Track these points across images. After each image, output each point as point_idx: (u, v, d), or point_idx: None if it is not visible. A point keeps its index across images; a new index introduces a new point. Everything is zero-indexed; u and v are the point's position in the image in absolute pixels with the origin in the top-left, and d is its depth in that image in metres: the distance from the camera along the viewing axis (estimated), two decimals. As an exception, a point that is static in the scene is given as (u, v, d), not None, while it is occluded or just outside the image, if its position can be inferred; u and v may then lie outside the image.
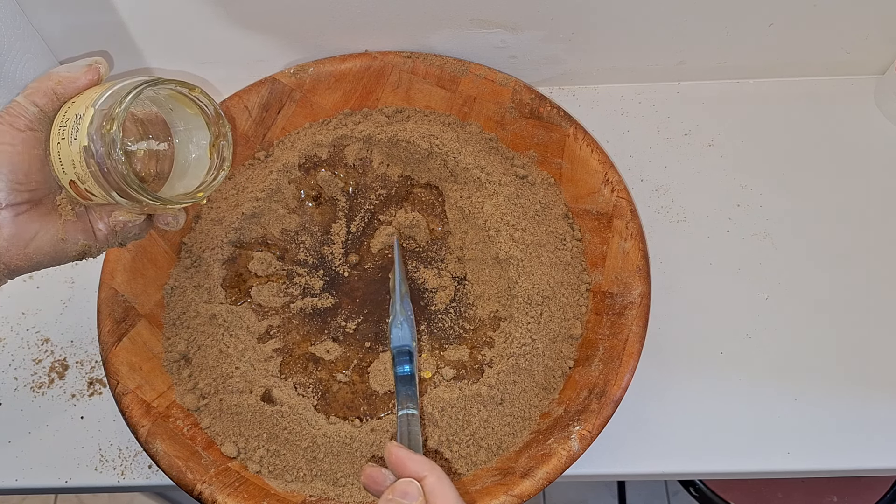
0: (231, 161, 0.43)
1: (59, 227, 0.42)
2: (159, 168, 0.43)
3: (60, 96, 0.40)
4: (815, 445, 0.56)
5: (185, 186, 0.43)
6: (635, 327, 0.54)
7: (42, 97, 0.40)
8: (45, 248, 0.41)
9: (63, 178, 0.40)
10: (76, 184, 0.40)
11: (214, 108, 0.42)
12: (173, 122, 0.43)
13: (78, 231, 0.43)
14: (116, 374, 0.53)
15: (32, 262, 0.41)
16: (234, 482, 0.50)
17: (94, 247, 0.44)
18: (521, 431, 0.53)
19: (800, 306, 0.61)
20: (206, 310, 0.57)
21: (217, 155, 0.43)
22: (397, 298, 0.56)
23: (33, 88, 0.40)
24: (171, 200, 0.41)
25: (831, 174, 0.67)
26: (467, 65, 0.65)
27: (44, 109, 0.40)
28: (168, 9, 0.64)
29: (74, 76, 0.41)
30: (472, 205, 0.60)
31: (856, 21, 0.66)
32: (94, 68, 0.41)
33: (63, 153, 0.39)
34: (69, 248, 0.42)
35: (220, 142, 0.43)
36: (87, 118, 0.38)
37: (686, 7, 0.64)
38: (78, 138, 0.38)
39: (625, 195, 0.59)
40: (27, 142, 0.40)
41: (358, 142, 0.63)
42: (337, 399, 0.56)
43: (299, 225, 0.63)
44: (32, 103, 0.40)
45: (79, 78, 0.41)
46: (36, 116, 0.40)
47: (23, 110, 0.40)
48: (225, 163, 0.43)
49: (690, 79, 0.72)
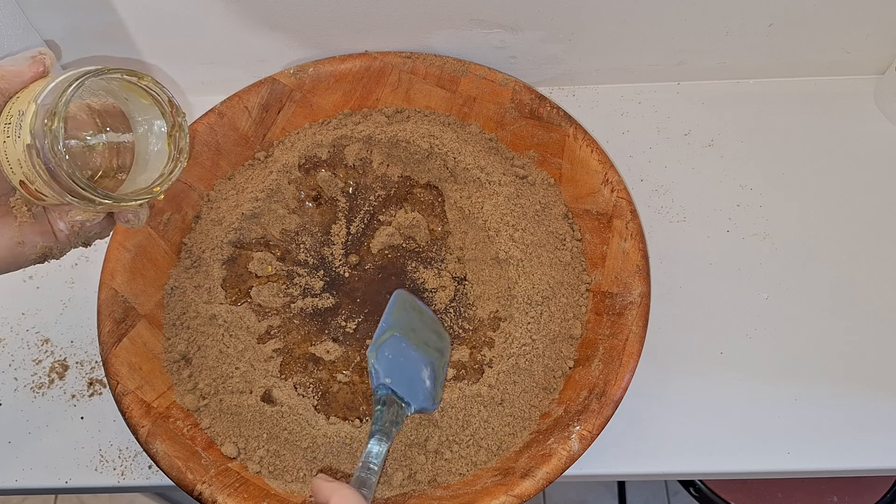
0: (188, 152, 0.41)
1: (15, 231, 0.39)
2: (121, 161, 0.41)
3: (4, 92, 0.38)
4: (815, 445, 0.56)
5: (147, 180, 0.41)
6: (635, 327, 0.54)
7: None
8: (2, 254, 0.39)
9: (13, 178, 0.38)
10: (26, 184, 0.37)
11: (167, 97, 0.40)
12: (131, 113, 0.41)
13: (36, 233, 0.40)
14: (116, 375, 0.53)
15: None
16: (234, 482, 0.50)
17: (55, 248, 0.41)
18: (521, 432, 0.53)
19: (800, 306, 0.61)
20: (206, 310, 0.57)
21: (174, 146, 0.41)
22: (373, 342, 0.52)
23: None
24: (125, 198, 0.39)
25: (831, 174, 0.67)
26: (467, 65, 0.65)
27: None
28: (168, 9, 0.64)
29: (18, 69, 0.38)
30: (472, 205, 0.60)
31: (856, 21, 0.66)
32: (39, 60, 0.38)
33: (10, 153, 0.37)
34: (27, 251, 0.40)
35: (176, 132, 0.40)
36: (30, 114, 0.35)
37: (686, 7, 0.64)
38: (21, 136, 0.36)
39: (625, 195, 0.59)
40: None
41: (358, 142, 0.63)
42: (337, 399, 0.56)
43: (299, 225, 0.63)
44: None
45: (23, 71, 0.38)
46: None
47: None
48: (182, 154, 0.41)
49: (690, 79, 0.72)
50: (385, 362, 0.50)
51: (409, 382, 0.50)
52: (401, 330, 0.53)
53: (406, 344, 0.52)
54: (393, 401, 0.49)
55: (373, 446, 0.47)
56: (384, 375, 0.50)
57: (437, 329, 0.57)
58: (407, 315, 0.55)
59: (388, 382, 0.49)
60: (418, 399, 0.50)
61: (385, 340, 0.52)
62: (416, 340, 0.53)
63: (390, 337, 0.52)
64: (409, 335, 0.53)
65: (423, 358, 0.52)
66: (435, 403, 0.52)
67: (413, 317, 0.55)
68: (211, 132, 0.63)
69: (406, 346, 0.52)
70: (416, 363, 0.52)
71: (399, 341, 0.52)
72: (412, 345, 0.53)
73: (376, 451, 0.46)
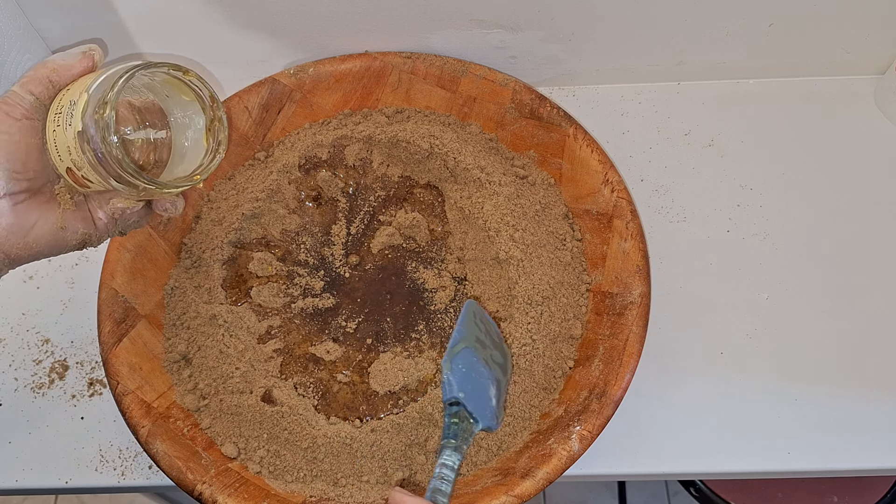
0: (227, 144, 0.43)
1: (58, 216, 0.41)
2: (157, 156, 0.43)
3: (56, 84, 0.40)
4: (816, 445, 0.56)
5: (183, 171, 0.43)
6: (635, 327, 0.54)
7: (38, 85, 0.40)
8: (45, 237, 0.41)
9: (60, 165, 0.40)
10: (73, 171, 0.40)
11: (209, 92, 0.42)
12: (169, 109, 0.43)
13: (77, 220, 0.42)
14: (117, 375, 0.53)
15: (32, 252, 0.41)
16: (234, 483, 0.50)
17: (94, 235, 0.43)
18: (522, 432, 0.53)
19: (800, 306, 0.61)
20: (207, 310, 0.57)
21: (213, 138, 0.43)
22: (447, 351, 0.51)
23: (29, 77, 0.40)
24: (168, 184, 0.41)
25: (831, 174, 0.67)
26: (467, 65, 0.65)
27: (40, 98, 0.40)
28: (168, 9, 0.64)
29: (69, 63, 0.40)
30: (472, 205, 0.60)
31: (856, 21, 0.66)
32: (89, 55, 0.41)
33: (59, 140, 0.39)
34: (69, 237, 0.42)
35: (216, 125, 0.43)
36: (81, 103, 0.38)
37: (686, 7, 0.64)
38: (73, 124, 0.38)
39: (625, 195, 0.59)
40: (24, 130, 0.39)
41: (358, 142, 0.63)
42: (337, 399, 0.56)
43: (299, 225, 0.63)
44: (28, 92, 0.40)
45: (74, 65, 0.40)
46: (32, 105, 0.40)
47: (19, 99, 0.39)
48: (221, 146, 0.43)
49: (690, 79, 0.72)
50: (459, 375, 0.49)
51: (478, 399, 0.49)
52: (472, 342, 0.52)
53: (476, 358, 0.51)
54: (465, 416, 0.48)
55: (447, 458, 0.45)
56: (458, 389, 0.48)
57: (501, 346, 0.55)
58: (476, 327, 0.53)
59: (462, 397, 0.48)
60: (486, 417, 0.49)
61: (459, 352, 0.50)
62: (484, 355, 0.52)
63: (464, 349, 0.51)
64: (479, 349, 0.52)
65: (490, 374, 0.51)
66: (498, 423, 0.50)
67: (481, 329, 0.54)
68: (211, 132, 0.63)
69: (476, 361, 0.51)
70: (485, 380, 0.50)
71: (471, 354, 0.51)
72: (481, 360, 0.51)
73: (451, 464, 0.45)
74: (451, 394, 0.48)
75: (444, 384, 0.49)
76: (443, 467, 0.45)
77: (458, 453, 0.46)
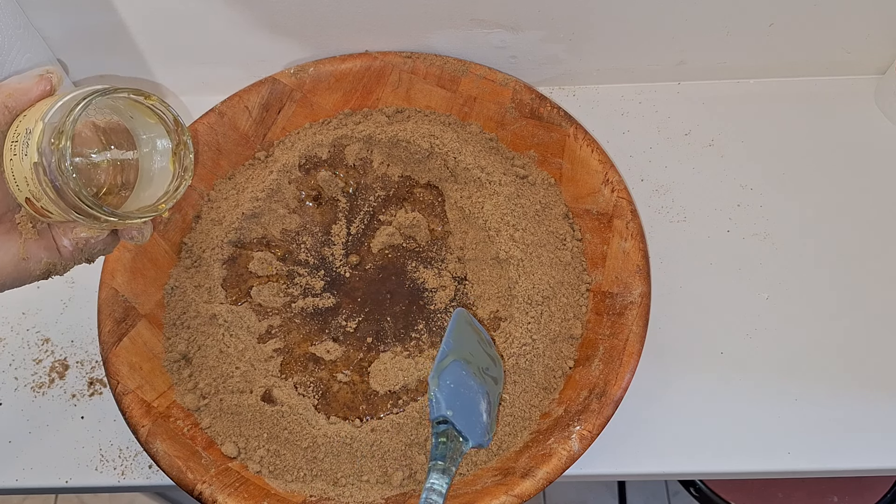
0: (192, 170, 0.41)
1: (20, 247, 0.39)
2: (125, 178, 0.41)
3: (12, 110, 0.38)
4: (816, 445, 0.56)
5: (151, 197, 0.41)
6: (635, 327, 0.54)
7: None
8: (7, 269, 0.39)
9: (19, 195, 0.38)
10: (32, 201, 0.38)
11: (173, 116, 0.40)
12: (135, 130, 0.41)
13: (41, 249, 0.40)
14: (117, 374, 0.53)
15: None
16: (234, 482, 0.50)
17: (59, 264, 0.41)
18: (522, 431, 0.53)
19: (800, 306, 0.61)
20: (207, 310, 0.57)
21: (179, 164, 0.41)
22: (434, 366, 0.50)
23: None
24: (130, 215, 0.39)
25: (832, 174, 0.67)
26: (467, 65, 0.65)
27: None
28: (168, 9, 0.64)
29: (25, 87, 0.38)
30: (472, 205, 0.60)
31: (856, 21, 0.66)
32: (46, 78, 0.39)
33: (16, 170, 0.37)
34: (32, 267, 0.40)
35: (181, 150, 0.41)
36: (37, 133, 0.36)
37: (686, 7, 0.64)
38: (28, 154, 0.36)
39: (625, 195, 0.59)
40: None
41: (358, 142, 0.63)
42: (337, 399, 0.56)
43: (300, 225, 0.63)
44: None
45: (30, 89, 0.38)
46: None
47: None
48: (187, 172, 0.41)
49: (690, 79, 0.72)
50: (446, 392, 0.47)
51: (467, 415, 0.48)
52: (461, 354, 0.50)
53: (466, 372, 0.49)
54: (454, 436, 0.46)
55: (435, 482, 0.44)
56: (446, 407, 0.47)
57: (492, 353, 0.54)
58: (466, 337, 0.52)
59: (450, 415, 0.46)
60: (476, 434, 0.47)
61: (447, 366, 0.49)
62: (475, 367, 0.51)
63: (452, 363, 0.49)
64: (469, 361, 0.50)
65: (481, 388, 0.50)
66: (489, 439, 0.49)
67: (472, 339, 0.52)
68: (211, 132, 0.63)
69: (466, 375, 0.49)
70: (475, 394, 0.49)
71: (460, 368, 0.49)
72: (471, 373, 0.50)
73: (438, 488, 0.43)
74: (439, 412, 0.46)
75: (431, 402, 0.47)
76: (430, 492, 0.43)
77: (447, 476, 0.44)
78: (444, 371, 0.48)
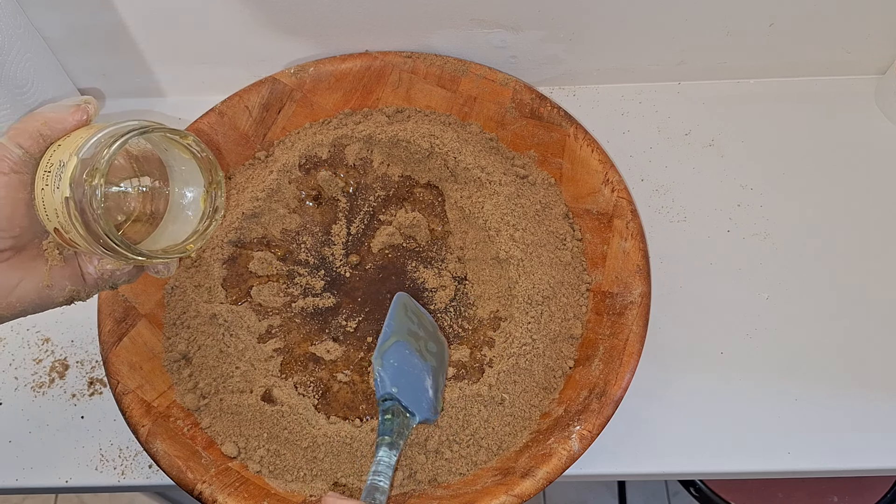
0: (224, 210, 0.42)
1: (44, 274, 0.39)
2: (154, 207, 0.41)
3: (46, 138, 0.38)
4: (816, 445, 0.56)
5: (177, 231, 0.41)
6: (636, 327, 0.54)
7: (27, 139, 0.37)
8: (30, 296, 0.39)
9: (48, 224, 0.38)
10: (60, 232, 0.38)
11: (207, 156, 0.41)
12: (169, 162, 0.41)
13: (66, 276, 0.40)
14: (117, 374, 0.53)
15: (16, 311, 0.39)
16: (234, 482, 0.50)
17: (82, 291, 0.41)
18: (522, 431, 0.53)
19: (800, 306, 0.61)
20: (207, 309, 0.57)
21: (210, 203, 0.41)
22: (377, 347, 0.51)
23: (18, 130, 0.38)
24: (157, 255, 0.39)
25: (832, 174, 0.67)
26: (468, 65, 0.65)
27: (29, 151, 0.38)
28: (169, 9, 0.64)
29: (61, 117, 0.38)
30: (472, 205, 0.60)
31: (856, 21, 0.66)
32: (83, 108, 0.39)
33: (47, 200, 0.37)
34: (55, 294, 0.40)
35: (214, 189, 0.41)
36: (70, 167, 0.36)
37: (686, 7, 0.64)
38: (60, 188, 0.36)
39: (625, 195, 0.59)
40: (10, 185, 0.37)
41: (358, 142, 0.63)
42: (337, 399, 0.56)
43: (300, 225, 0.63)
44: (17, 145, 0.37)
45: (66, 119, 0.38)
46: (21, 159, 0.37)
47: (7, 152, 0.37)
48: (217, 212, 0.41)
49: (690, 79, 0.72)
50: (391, 370, 0.49)
51: (413, 392, 0.49)
52: (404, 335, 0.52)
53: (409, 351, 0.51)
54: (400, 411, 0.48)
55: (382, 456, 0.45)
56: (391, 384, 0.48)
57: (436, 335, 0.56)
58: (409, 319, 0.54)
59: (395, 392, 0.48)
60: (422, 410, 0.49)
61: (390, 346, 0.50)
62: (419, 347, 0.52)
63: (395, 342, 0.51)
64: (412, 341, 0.52)
65: (426, 366, 0.51)
66: (436, 414, 0.51)
67: (414, 321, 0.54)
68: (211, 132, 0.63)
69: (410, 354, 0.51)
70: (420, 372, 0.51)
71: (403, 347, 0.51)
72: (415, 352, 0.51)
73: (386, 462, 0.45)
74: (385, 390, 0.48)
75: (376, 381, 0.49)
76: (378, 464, 0.45)
77: (395, 450, 0.46)
78: (387, 351, 0.50)
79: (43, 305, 0.40)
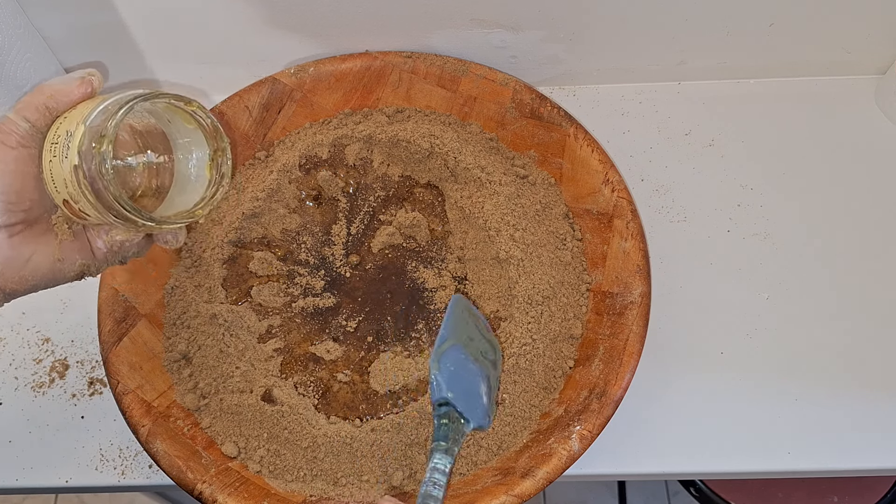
0: (230, 177, 0.42)
1: (55, 248, 0.40)
2: (160, 182, 0.42)
3: (53, 111, 0.38)
4: (816, 445, 0.56)
5: (185, 202, 0.42)
6: (636, 327, 0.54)
7: (33, 112, 0.38)
8: (42, 270, 0.40)
9: (57, 196, 0.38)
10: (70, 203, 0.38)
11: (212, 123, 0.41)
12: (172, 135, 0.41)
13: (75, 251, 0.41)
14: (117, 374, 0.53)
15: (29, 285, 0.40)
16: (234, 482, 0.50)
17: (92, 266, 0.42)
18: (522, 431, 0.53)
19: (800, 306, 0.61)
20: (207, 309, 0.57)
21: (216, 171, 0.41)
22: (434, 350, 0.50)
23: (24, 103, 0.38)
24: (168, 220, 0.39)
25: (832, 174, 0.67)
26: (468, 65, 0.65)
27: (36, 125, 0.38)
28: (168, 9, 0.64)
29: (67, 89, 0.39)
30: (472, 205, 0.60)
31: (856, 21, 0.66)
32: (88, 80, 0.39)
33: (55, 172, 0.37)
34: (67, 268, 0.41)
35: (219, 157, 0.41)
36: (78, 136, 0.36)
37: (686, 7, 0.64)
38: (69, 157, 0.36)
39: (625, 195, 0.59)
40: (19, 160, 0.37)
41: (358, 142, 0.63)
42: (337, 399, 0.56)
43: (300, 225, 0.63)
44: (24, 118, 0.38)
45: (71, 91, 0.39)
46: (28, 132, 0.38)
47: (14, 126, 0.37)
48: (224, 178, 0.42)
49: (690, 79, 0.72)
50: (447, 374, 0.48)
51: (468, 398, 0.48)
52: (460, 339, 0.51)
53: (465, 355, 0.50)
54: (455, 417, 0.47)
55: (438, 462, 0.44)
56: (447, 389, 0.47)
57: (491, 338, 0.54)
58: (465, 322, 0.52)
59: (451, 397, 0.47)
60: (476, 416, 0.48)
61: (446, 350, 0.49)
62: (474, 351, 0.51)
63: (451, 346, 0.49)
64: (468, 345, 0.51)
65: (481, 371, 0.50)
66: (490, 420, 0.50)
67: (470, 324, 0.53)
68: (211, 132, 0.63)
69: (465, 358, 0.49)
70: (475, 377, 0.49)
71: (459, 351, 0.49)
72: (470, 356, 0.50)
73: (442, 468, 0.44)
74: (440, 394, 0.47)
75: (431, 385, 0.48)
76: (434, 471, 0.44)
77: (450, 456, 0.45)
78: (443, 355, 0.49)
79: (55, 280, 0.41)
